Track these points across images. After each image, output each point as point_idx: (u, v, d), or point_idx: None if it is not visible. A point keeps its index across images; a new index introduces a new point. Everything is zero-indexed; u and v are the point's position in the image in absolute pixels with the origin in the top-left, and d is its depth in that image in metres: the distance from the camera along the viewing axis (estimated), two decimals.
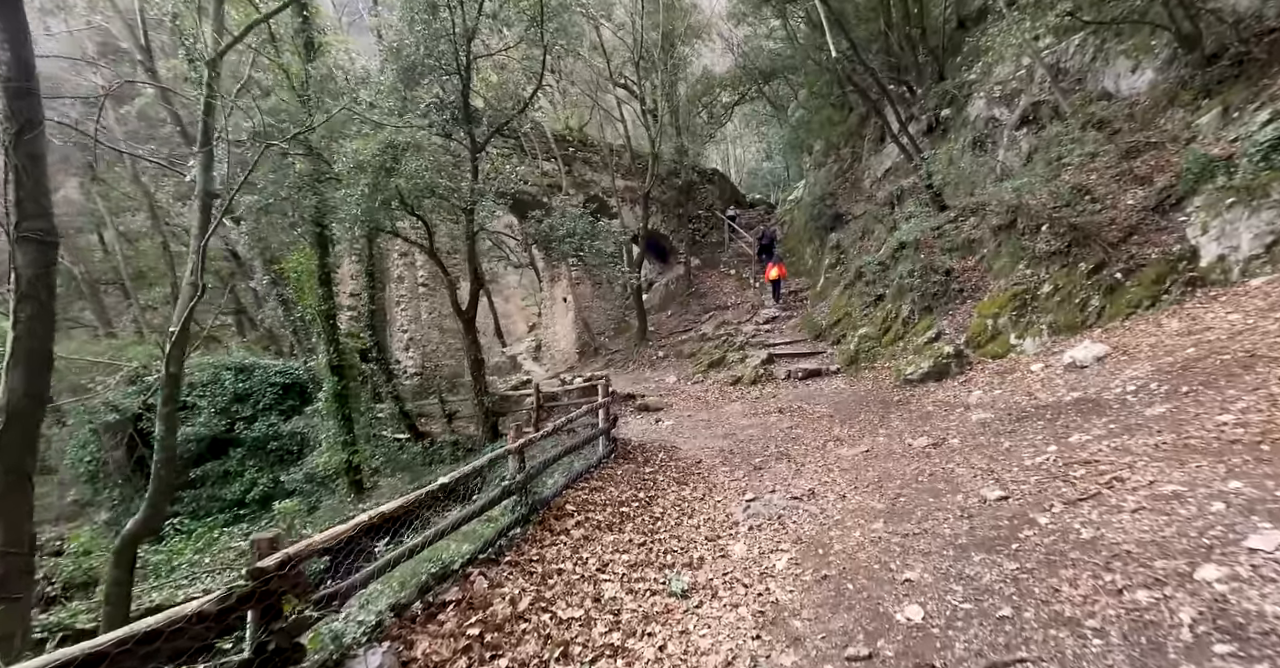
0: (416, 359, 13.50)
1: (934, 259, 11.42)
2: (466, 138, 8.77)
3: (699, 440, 7.96)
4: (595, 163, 17.44)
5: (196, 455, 9.87)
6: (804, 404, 9.90)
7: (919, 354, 10.19)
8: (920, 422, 7.15)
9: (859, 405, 9.22)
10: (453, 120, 8.92)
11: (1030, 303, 9.07)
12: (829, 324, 13.61)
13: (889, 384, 10.23)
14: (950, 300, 10.83)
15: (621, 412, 10.72)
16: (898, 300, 11.83)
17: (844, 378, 11.52)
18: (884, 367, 11.10)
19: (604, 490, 4.95)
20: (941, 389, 8.89)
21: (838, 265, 14.85)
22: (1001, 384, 7.74)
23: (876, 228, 14.25)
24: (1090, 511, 3.53)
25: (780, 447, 7.16)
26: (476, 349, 8.78)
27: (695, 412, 10.30)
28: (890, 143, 15.80)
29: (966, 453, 5.14)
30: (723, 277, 18.93)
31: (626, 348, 16.17)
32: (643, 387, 12.66)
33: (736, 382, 12.18)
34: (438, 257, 8.54)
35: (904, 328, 11.45)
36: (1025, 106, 11.74)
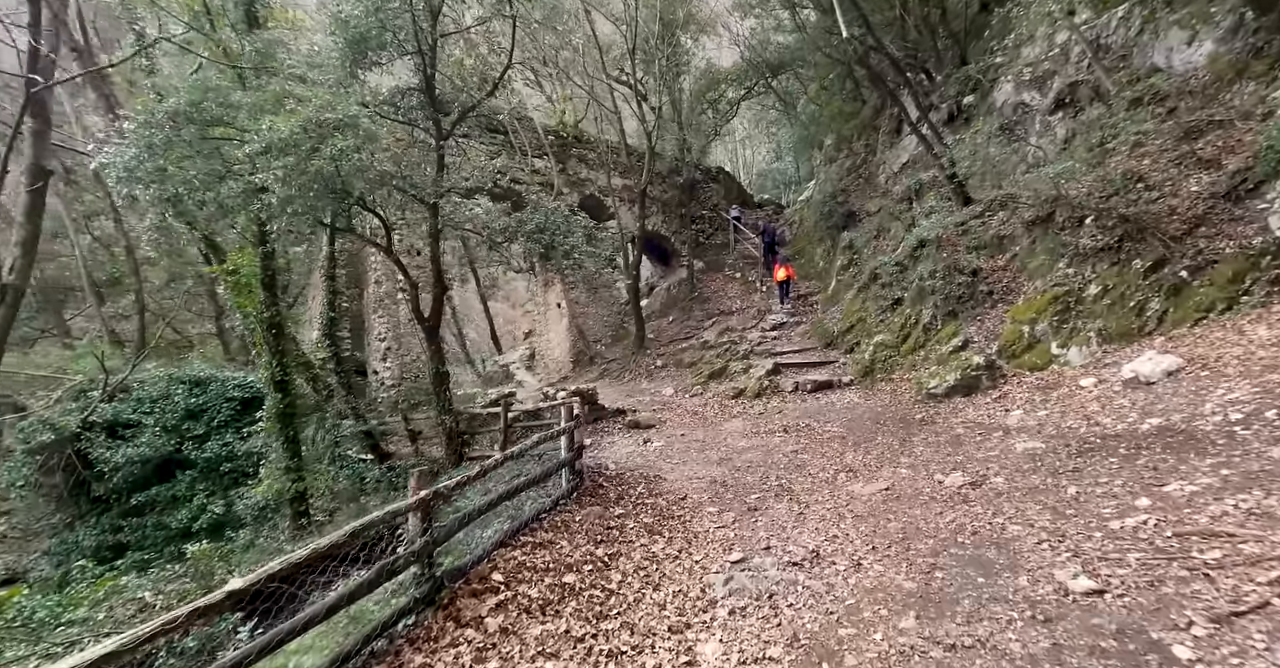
0: (394, 370, 12.54)
1: (958, 258, 10.23)
2: (431, 125, 7.80)
3: (689, 468, 6.85)
4: (591, 160, 16.47)
5: (141, 479, 8.93)
6: (812, 422, 8.76)
7: (943, 365, 9.01)
8: (950, 449, 5.99)
9: (875, 424, 8.06)
10: (418, 107, 7.97)
11: (1074, 306, 7.87)
12: (841, 331, 12.43)
13: (909, 399, 9.06)
14: (978, 304, 9.63)
15: (609, 429, 9.66)
16: (918, 304, 10.65)
17: (858, 391, 10.34)
18: (903, 378, 9.92)
19: (552, 546, 3.87)
20: (972, 406, 7.71)
21: (850, 267, 13.69)
22: (1046, 403, 6.55)
23: (893, 226, 13.08)
24: (1264, 638, 2.29)
25: (782, 478, 6.04)
26: (440, 361, 7.77)
27: (690, 430, 9.18)
28: (907, 134, 14.65)
29: (1018, 500, 3.99)
30: (728, 280, 17.82)
31: (623, 357, 15.10)
32: (636, 400, 11.57)
33: (739, 395, 11.05)
34: (396, 257, 7.57)
35: (925, 335, 10.26)
36: (1060, 89, 10.55)
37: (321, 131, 5.16)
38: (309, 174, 5.07)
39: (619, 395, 12.28)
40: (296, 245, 8.93)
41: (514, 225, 7.23)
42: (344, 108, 5.37)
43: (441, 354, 7.79)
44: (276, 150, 5.00)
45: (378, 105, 7.95)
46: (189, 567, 5.80)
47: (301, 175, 5.06)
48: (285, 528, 7.33)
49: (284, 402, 7.50)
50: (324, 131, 5.16)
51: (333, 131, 5.17)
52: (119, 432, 9.13)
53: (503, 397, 10.65)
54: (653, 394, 12.12)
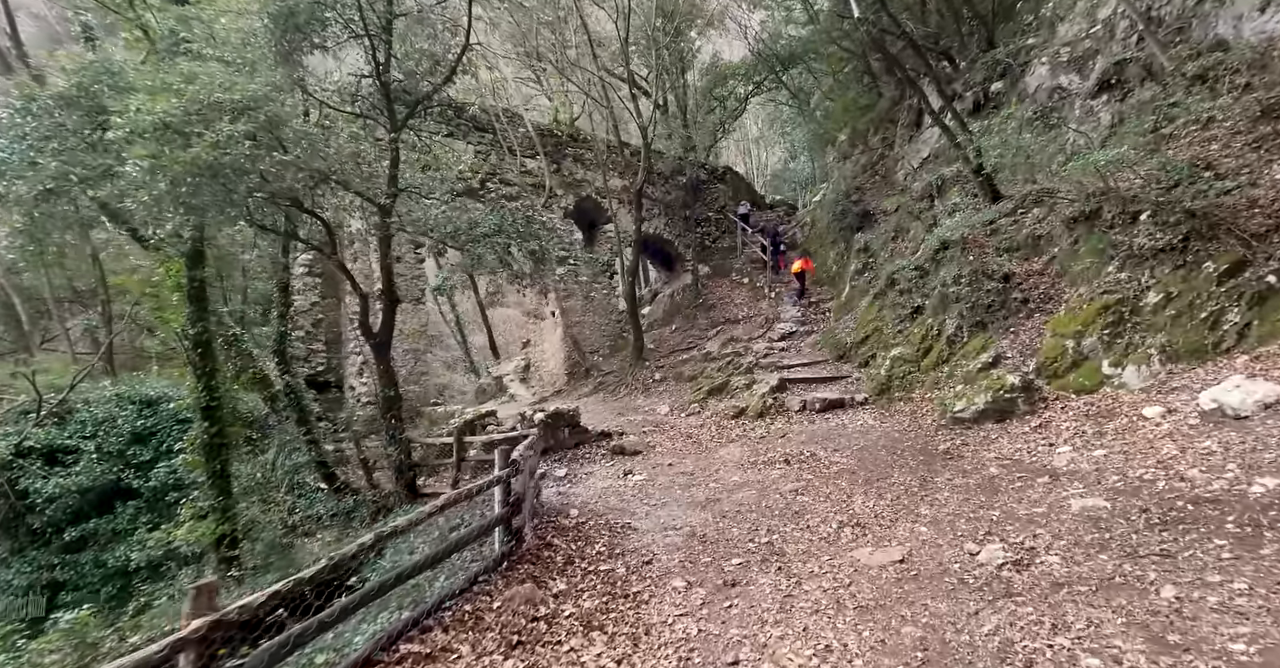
0: (371, 385, 11.68)
1: (987, 261, 9.04)
2: (384, 115, 6.90)
3: (667, 511, 5.78)
4: (588, 160, 15.53)
5: (77, 511, 8.13)
6: (819, 450, 7.64)
7: (971, 384, 7.83)
8: (982, 497, 4.85)
9: (891, 456, 6.92)
10: (376, 99, 7.08)
11: (1129, 317, 6.65)
12: (855, 342, 11.26)
13: (931, 423, 7.90)
14: (1011, 314, 8.42)
15: (591, 455, 8.63)
16: (940, 314, 9.46)
17: (873, 411, 9.18)
18: (924, 398, 8.75)
19: (444, 658, 2.83)
20: (1006, 436, 6.53)
21: (865, 272, 12.50)
22: (1102, 438, 5.36)
23: (912, 226, 11.88)
24: None
25: (775, 531, 4.94)
26: (390, 383, 6.82)
27: (680, 458, 8.12)
28: (928, 127, 13.45)
29: (1086, 600, 2.83)
30: (734, 286, 16.71)
31: (620, 369, 14.08)
32: (626, 420, 10.52)
33: (739, 415, 9.94)
34: (340, 262, 6.66)
35: (949, 348, 9.07)
36: (1104, 69, 9.31)
37: (207, 116, 4.28)
38: (183, 164, 4.18)
39: (610, 414, 11.25)
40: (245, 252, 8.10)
41: (465, 228, 6.27)
42: (243, 88, 4.47)
43: (391, 375, 6.85)
44: (147, 137, 4.13)
45: (325, 94, 7.07)
46: (65, 638, 4.89)
47: (175, 166, 4.17)
48: (209, 576, 6.43)
49: (211, 430, 6.62)
50: (210, 115, 4.28)
51: (221, 115, 4.28)
52: (59, 458, 8.39)
53: (479, 417, 9.70)
54: (646, 412, 11.07)
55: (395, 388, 6.87)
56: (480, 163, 13.61)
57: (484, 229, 6.33)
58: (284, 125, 4.88)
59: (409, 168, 8.19)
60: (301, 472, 8.82)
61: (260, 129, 4.57)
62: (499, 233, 6.46)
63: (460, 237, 6.45)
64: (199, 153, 4.10)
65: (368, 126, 7.25)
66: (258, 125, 4.52)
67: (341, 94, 7.31)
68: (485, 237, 6.25)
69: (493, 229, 6.49)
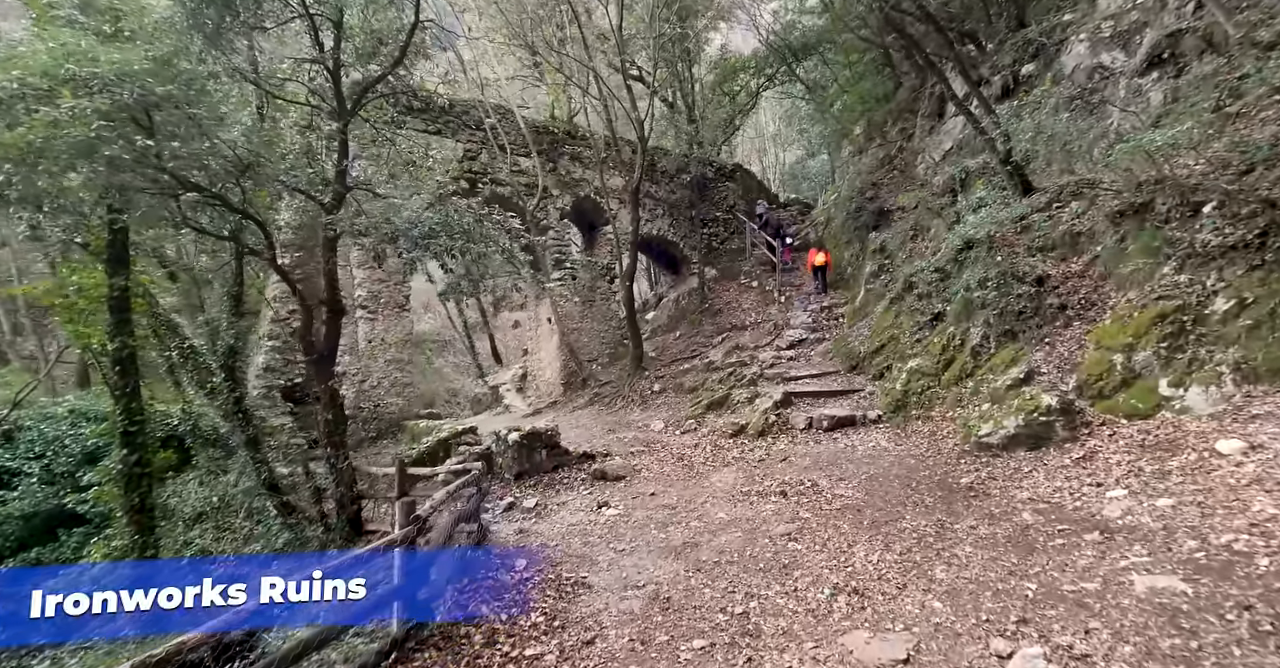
0: (350, 397, 11.04)
1: (1017, 262, 7.99)
2: (332, 103, 6.19)
3: (635, 560, 4.91)
4: (586, 158, 14.74)
5: (19, 541, 7.54)
6: (822, 478, 6.69)
7: (1000, 403, 6.81)
8: (1014, 558, 3.88)
9: (904, 489, 5.95)
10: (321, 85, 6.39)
11: (1192, 328, 5.58)
12: (869, 352, 10.24)
13: (952, 447, 6.91)
14: (1045, 322, 7.36)
15: (569, 480, 7.80)
16: (963, 321, 8.43)
17: (887, 431, 8.18)
18: (945, 417, 7.74)
19: None
20: (1042, 469, 5.52)
21: (881, 274, 11.46)
22: (1165, 479, 4.34)
23: (933, 224, 10.82)
24: None
25: (755, 595, 4.04)
26: (333, 403, 6.07)
27: (666, 486, 7.23)
28: (951, 116, 12.36)
29: None
30: (743, 289, 15.75)
31: (619, 379, 13.24)
32: (615, 438, 9.67)
33: (738, 432, 9.02)
34: (280, 267, 5.96)
35: (974, 361, 8.03)
36: (1155, 43, 8.18)
37: (55, 92, 3.60)
38: (9, 147, 3.50)
39: (600, 430, 10.42)
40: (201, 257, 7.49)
41: (403, 228, 5.49)
42: (109, 60, 3.74)
43: (335, 395, 6.11)
44: None
45: (276, 83, 6.38)
46: None
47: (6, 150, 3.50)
48: None
49: (131, 458, 5.95)
50: (58, 91, 3.59)
51: (63, 88, 3.58)
52: (3, 480, 7.87)
53: (455, 435, 8.95)
54: (639, 429, 10.21)
55: (339, 409, 6.13)
56: (470, 162, 12.92)
57: (422, 230, 5.56)
58: (171, 106, 4.17)
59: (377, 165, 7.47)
60: (261, 496, 8.15)
61: (120, 109, 3.86)
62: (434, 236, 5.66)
63: (397, 238, 5.70)
64: (23, 134, 3.40)
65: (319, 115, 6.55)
66: (116, 104, 3.80)
67: (298, 81, 6.61)
68: (424, 238, 5.48)
69: (431, 230, 5.71)
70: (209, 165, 4.86)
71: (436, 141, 12.60)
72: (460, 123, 12.98)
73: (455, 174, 12.82)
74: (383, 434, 11.08)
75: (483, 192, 13.26)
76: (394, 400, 11.49)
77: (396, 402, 11.54)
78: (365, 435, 10.99)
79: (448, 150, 12.72)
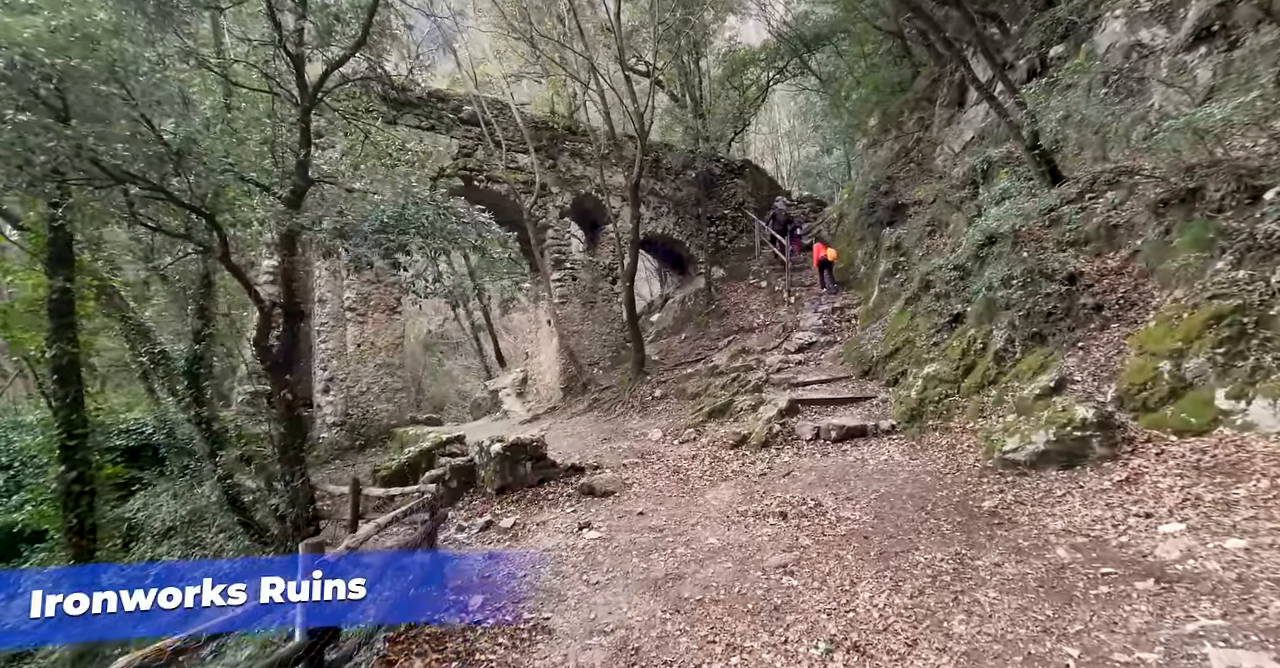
0: (338, 404, 10.64)
1: (1045, 258, 7.27)
2: (293, 89, 5.73)
3: (605, 598, 4.33)
4: (587, 155, 14.21)
5: None
6: (827, 497, 6.05)
7: (1027, 415, 6.11)
8: (1049, 609, 3.23)
9: (919, 512, 5.30)
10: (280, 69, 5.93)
11: (1255, 331, 4.85)
12: (882, 356, 9.54)
13: (973, 463, 6.24)
14: (1078, 324, 6.63)
15: (554, 496, 7.25)
16: (985, 323, 7.72)
17: (900, 444, 7.50)
18: (965, 429, 7.05)
19: None
20: (1078, 492, 4.83)
21: (896, 273, 10.75)
22: (1231, 512, 3.65)
23: (952, 218, 10.08)
24: None
25: (739, 647, 3.43)
26: (287, 414, 5.57)
27: (657, 503, 6.64)
28: (973, 104, 11.61)
29: None
30: (751, 290, 15.09)
31: (620, 384, 12.67)
32: (609, 448, 9.10)
33: (740, 443, 8.39)
34: (234, 266, 5.49)
35: (997, 367, 7.33)
36: (1202, 14, 7.40)
37: None
38: None
39: (595, 439, 9.86)
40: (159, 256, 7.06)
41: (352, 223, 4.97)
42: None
43: (289, 404, 5.61)
44: None
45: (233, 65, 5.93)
46: None
47: None
48: None
49: (71, 476, 5.50)
50: None
51: None
52: None
53: (438, 445, 8.46)
54: (636, 438, 9.63)
55: (295, 421, 5.63)
56: (466, 158, 12.48)
57: (373, 225, 5.04)
58: (87, 84, 3.73)
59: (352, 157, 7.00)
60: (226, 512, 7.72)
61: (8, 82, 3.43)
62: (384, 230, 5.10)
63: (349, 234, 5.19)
64: None
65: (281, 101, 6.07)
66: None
67: (255, 66, 6.12)
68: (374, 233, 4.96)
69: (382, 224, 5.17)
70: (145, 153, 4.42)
71: (429, 138, 12.18)
72: (455, 119, 12.55)
73: (450, 171, 12.39)
74: (371, 442, 10.66)
75: (479, 189, 12.82)
76: (384, 407, 11.06)
77: (387, 408, 11.10)
78: (353, 444, 10.56)
79: (441, 147, 12.29)
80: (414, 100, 11.96)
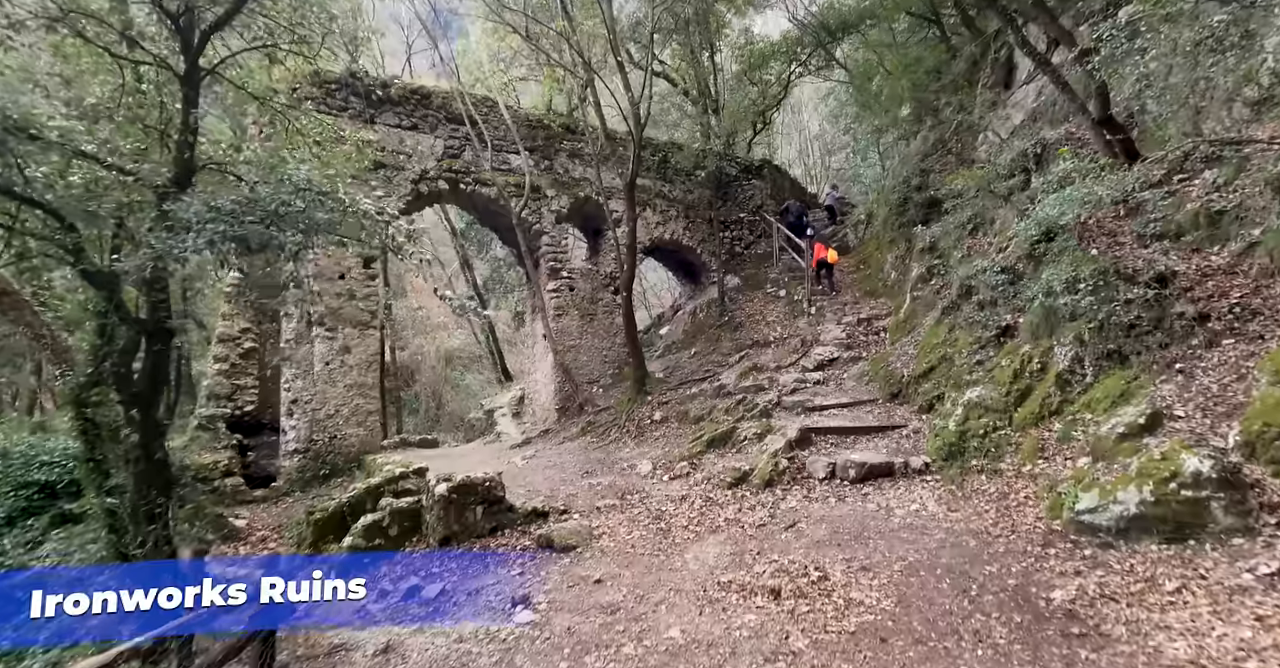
0: (302, 428, 9.66)
1: (1123, 255, 5.75)
2: (169, 36, 4.73)
3: None
4: (587, 156, 13.13)
5: None
6: (838, 565, 4.66)
7: (1108, 460, 4.62)
8: None
9: (961, 600, 3.87)
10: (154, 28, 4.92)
11: None
12: (914, 376, 8.03)
13: (1034, 524, 4.79)
14: (1174, 339, 5.08)
15: (506, 548, 6.01)
16: (1043, 336, 6.21)
17: (935, 488, 6.01)
18: (1020, 473, 5.55)
19: None
20: (1203, 592, 3.33)
21: (931, 278, 9.22)
22: None
23: (997, 213, 8.54)
24: None
25: None
26: (144, 454, 4.38)
27: (621, 567, 5.32)
28: (1022, 84, 10.11)
29: None
30: (769, 300, 13.66)
31: (618, 404, 11.40)
32: (588, 483, 7.81)
33: (740, 481, 7.00)
34: (89, 267, 4.48)
35: (1061, 393, 5.81)
36: None
37: None
38: None
39: (575, 471, 8.61)
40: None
41: (195, 216, 3.88)
42: None
43: (147, 448, 4.45)
44: None
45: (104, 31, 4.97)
46: None
47: None
48: None
49: None
50: None
51: None
52: None
53: (388, 481, 7.34)
54: (622, 471, 8.33)
55: (156, 467, 4.46)
56: (452, 160, 11.54)
57: (210, 217, 3.90)
58: None
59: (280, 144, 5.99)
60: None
61: None
62: (233, 221, 3.96)
63: (187, 225, 4.10)
64: None
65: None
66: None
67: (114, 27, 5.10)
68: (207, 227, 3.85)
69: (241, 212, 4.00)
70: None
71: (412, 137, 11.30)
72: (439, 118, 11.65)
73: (434, 173, 11.47)
74: (338, 471, 9.64)
75: (465, 193, 11.86)
76: (354, 431, 10.05)
77: (357, 432, 10.09)
78: (316, 473, 9.57)
79: (425, 147, 11.39)
80: (394, 97, 11.11)
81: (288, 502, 9.11)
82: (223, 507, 8.56)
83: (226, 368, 9.77)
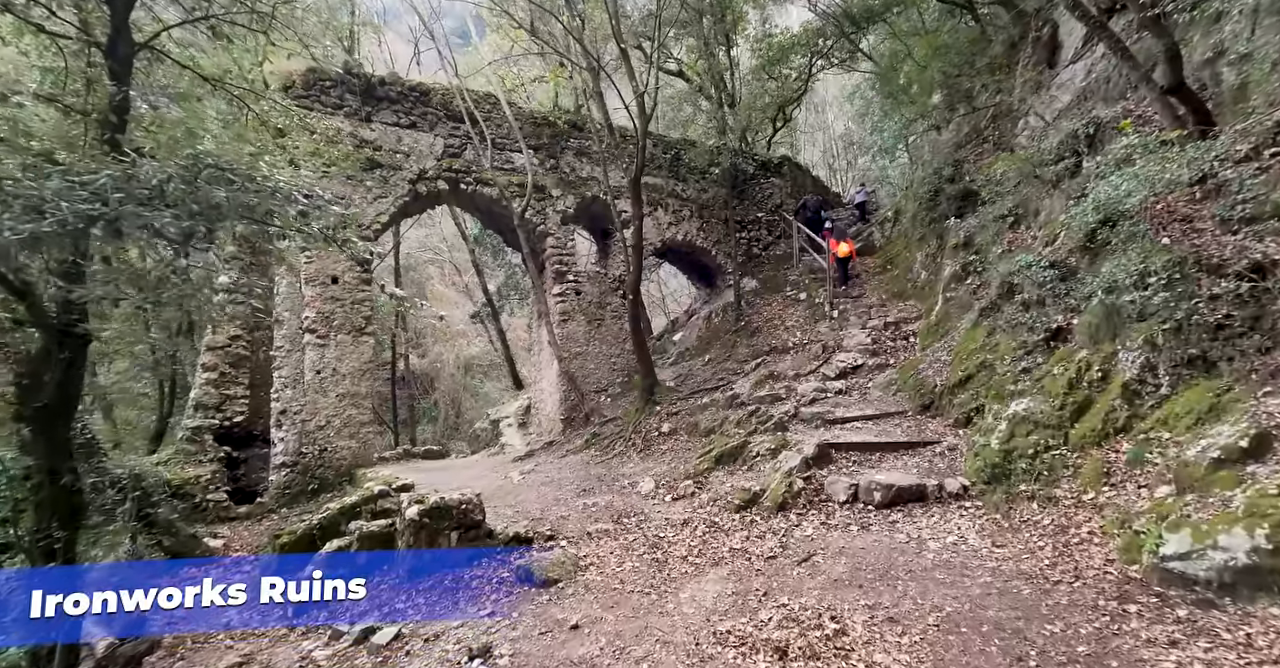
0: (290, 440, 9.20)
1: (1202, 243, 4.85)
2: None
3: None
4: (595, 154, 12.55)
5: None
6: (859, 614, 3.87)
7: (1200, 491, 3.75)
8: None
9: (1011, 666, 3.00)
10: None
11: None
12: (949, 385, 7.13)
13: (1103, 567, 3.95)
14: (1277, 342, 4.15)
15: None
16: (1104, 341, 5.32)
17: (977, 517, 5.15)
18: (1081, 501, 4.67)
19: None
20: None
21: (966, 277, 8.30)
22: None
23: (1043, 202, 7.60)
24: None
25: None
26: (50, 479, 3.83)
27: (606, 608, 4.59)
28: (1068, 63, 9.18)
29: None
30: (788, 303, 12.81)
31: (625, 415, 10.69)
32: (584, 503, 7.11)
33: (749, 504, 6.21)
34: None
35: (1129, 407, 4.91)
36: None
37: None
38: None
39: (572, 489, 7.92)
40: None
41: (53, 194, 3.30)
42: None
43: (53, 472, 3.87)
44: None
45: None
46: None
47: None
48: None
49: None
50: None
51: None
52: None
53: (367, 500, 6.77)
54: (622, 490, 7.59)
55: (63, 495, 3.87)
56: (452, 159, 11.07)
57: (120, 197, 3.30)
58: None
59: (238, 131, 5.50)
60: None
61: None
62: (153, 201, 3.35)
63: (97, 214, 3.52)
64: None
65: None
66: None
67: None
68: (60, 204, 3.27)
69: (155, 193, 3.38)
70: None
71: (411, 136, 10.86)
72: (439, 115, 11.20)
73: (434, 173, 11.00)
74: (328, 486, 9.13)
75: (466, 193, 11.37)
76: (346, 444, 9.54)
77: (349, 445, 9.58)
78: (305, 487, 9.08)
79: (424, 146, 10.94)
80: (392, 95, 10.70)
81: (273, 519, 8.62)
82: (203, 524, 8.12)
83: (215, 377, 9.38)
